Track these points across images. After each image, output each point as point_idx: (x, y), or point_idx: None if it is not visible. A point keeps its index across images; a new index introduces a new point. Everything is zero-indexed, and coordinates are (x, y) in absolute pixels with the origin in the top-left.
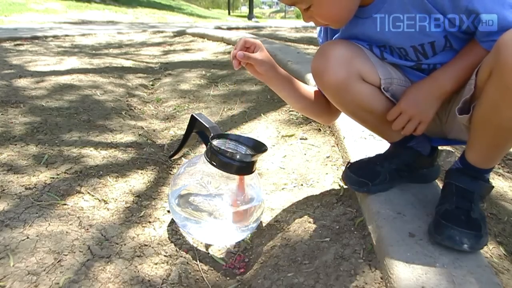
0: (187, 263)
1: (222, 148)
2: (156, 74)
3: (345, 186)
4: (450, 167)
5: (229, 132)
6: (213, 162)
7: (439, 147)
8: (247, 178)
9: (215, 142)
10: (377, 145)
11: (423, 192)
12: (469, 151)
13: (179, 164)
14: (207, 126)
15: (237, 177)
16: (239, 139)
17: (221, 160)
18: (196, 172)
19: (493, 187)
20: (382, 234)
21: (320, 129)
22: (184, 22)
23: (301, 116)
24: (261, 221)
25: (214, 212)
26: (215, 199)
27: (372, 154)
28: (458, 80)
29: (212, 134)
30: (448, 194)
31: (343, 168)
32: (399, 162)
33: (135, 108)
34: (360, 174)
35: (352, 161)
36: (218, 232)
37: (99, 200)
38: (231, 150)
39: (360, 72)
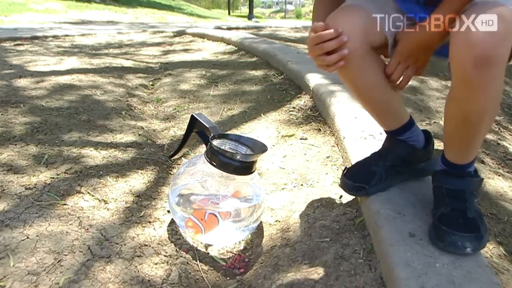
0: (187, 263)
1: (222, 148)
2: (156, 74)
3: None
4: (435, 170)
5: (229, 132)
6: (213, 162)
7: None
8: (247, 178)
9: (215, 142)
10: (377, 145)
11: (423, 192)
12: (446, 149)
13: (179, 164)
14: (207, 126)
15: (237, 177)
16: (239, 139)
17: (221, 160)
18: (196, 172)
19: (482, 179)
20: (382, 234)
21: (320, 129)
22: (184, 22)
23: (301, 116)
24: (261, 221)
25: (214, 212)
26: (215, 199)
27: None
28: (445, 33)
29: (212, 134)
30: (440, 197)
31: (343, 168)
32: (393, 158)
33: (135, 108)
34: (356, 179)
35: (352, 162)
36: (217, 232)
37: (99, 200)
38: (231, 150)
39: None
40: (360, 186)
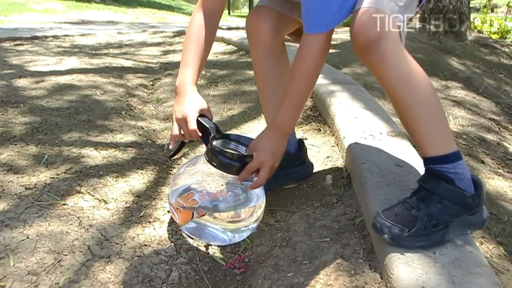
0: (187, 263)
1: (222, 148)
2: (156, 74)
3: (345, 186)
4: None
5: (229, 132)
6: (213, 163)
7: None
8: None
9: (215, 143)
10: (378, 145)
11: None
12: (418, 144)
13: (179, 164)
14: (207, 126)
15: (236, 177)
16: (239, 139)
17: (221, 161)
18: (196, 172)
19: (462, 193)
20: None
21: (320, 129)
22: (184, 22)
23: (301, 116)
24: (261, 221)
25: (214, 212)
26: (215, 199)
27: (372, 154)
28: (296, 116)
29: (212, 134)
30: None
31: (343, 168)
32: None
33: (135, 108)
34: None
35: (352, 162)
36: (217, 232)
37: (99, 200)
38: (231, 150)
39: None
40: None
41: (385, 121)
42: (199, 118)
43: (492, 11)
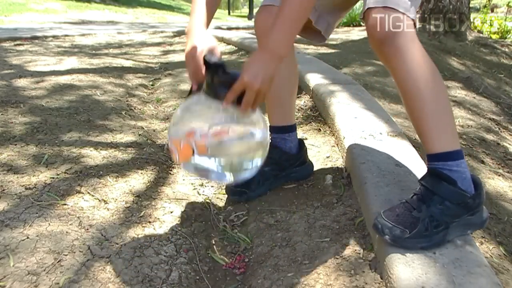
0: (187, 263)
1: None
2: (156, 74)
3: (345, 186)
4: None
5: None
6: (211, 94)
7: None
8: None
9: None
10: (377, 145)
11: None
12: (422, 139)
13: (179, 164)
14: (213, 62)
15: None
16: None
17: (218, 91)
18: (195, 110)
19: (463, 194)
20: None
21: (320, 129)
22: (184, 22)
23: (301, 116)
24: (261, 221)
25: (214, 148)
26: (216, 135)
27: (372, 154)
28: (289, 38)
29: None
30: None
31: (343, 168)
32: (270, 163)
33: (135, 108)
34: (238, 184)
35: (352, 162)
36: (217, 169)
37: (99, 200)
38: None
39: None
40: (242, 191)
41: (385, 121)
42: (205, 56)
43: (492, 11)
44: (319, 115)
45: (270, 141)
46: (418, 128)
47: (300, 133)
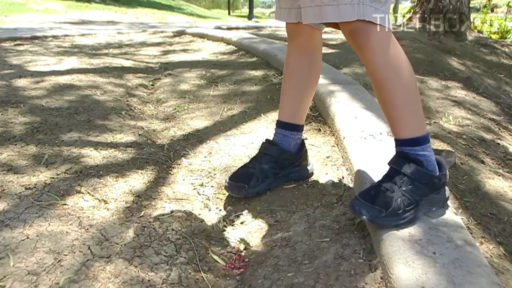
0: (187, 263)
1: None
2: (156, 74)
3: (345, 186)
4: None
5: (229, 132)
6: None
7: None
8: None
9: None
10: (377, 145)
11: None
12: (391, 126)
13: (179, 164)
14: None
15: None
16: None
17: None
18: None
19: (430, 174)
20: (382, 234)
21: (320, 129)
22: (184, 22)
23: None
24: (261, 221)
25: None
26: None
27: (372, 154)
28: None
29: None
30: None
31: (343, 168)
32: (269, 160)
33: (135, 108)
34: (237, 179)
35: (352, 162)
36: None
37: (99, 200)
38: None
39: None
40: (241, 186)
41: (385, 121)
42: None
43: (492, 11)
44: (319, 115)
45: (272, 136)
46: (388, 115)
47: None
